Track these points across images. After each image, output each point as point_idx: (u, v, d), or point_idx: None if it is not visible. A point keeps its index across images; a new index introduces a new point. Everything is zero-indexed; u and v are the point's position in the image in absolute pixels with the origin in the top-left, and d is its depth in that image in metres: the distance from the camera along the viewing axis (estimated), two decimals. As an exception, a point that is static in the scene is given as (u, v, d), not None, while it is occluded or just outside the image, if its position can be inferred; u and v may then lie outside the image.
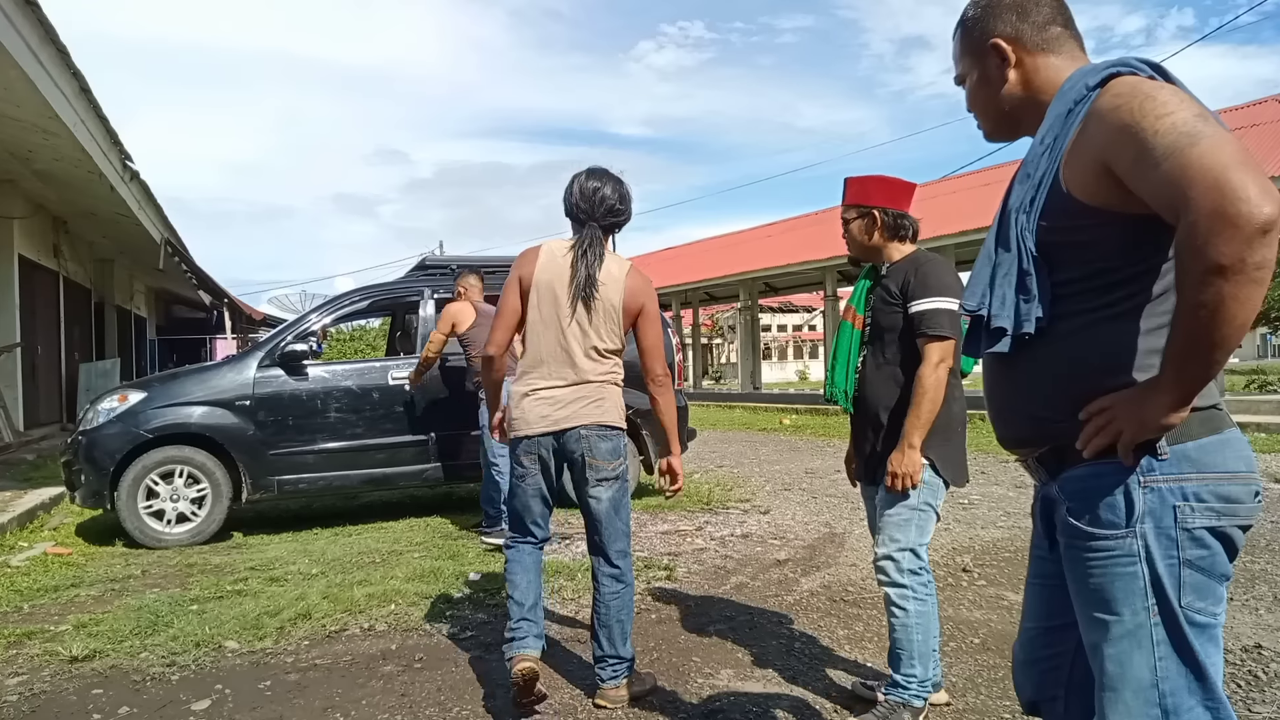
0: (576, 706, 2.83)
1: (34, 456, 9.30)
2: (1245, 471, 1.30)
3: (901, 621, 2.55)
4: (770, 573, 4.47)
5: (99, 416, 5.56)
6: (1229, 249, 1.08)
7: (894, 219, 2.61)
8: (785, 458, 9.71)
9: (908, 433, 2.46)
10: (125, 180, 10.21)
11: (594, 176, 2.81)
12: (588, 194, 2.78)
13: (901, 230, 2.62)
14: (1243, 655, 3.08)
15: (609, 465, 2.74)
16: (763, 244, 23.61)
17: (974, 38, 1.49)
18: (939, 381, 2.44)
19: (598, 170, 2.85)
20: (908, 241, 2.65)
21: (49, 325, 12.96)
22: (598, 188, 2.78)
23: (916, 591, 2.56)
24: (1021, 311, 1.36)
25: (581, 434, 2.71)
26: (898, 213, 2.61)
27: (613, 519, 2.79)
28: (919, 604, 2.55)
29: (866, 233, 2.64)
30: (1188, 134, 1.14)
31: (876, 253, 2.66)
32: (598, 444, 2.72)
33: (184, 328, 27.39)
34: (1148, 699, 1.27)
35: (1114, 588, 1.30)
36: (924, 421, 2.45)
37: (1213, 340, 1.14)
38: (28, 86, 6.68)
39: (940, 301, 2.47)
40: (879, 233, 2.62)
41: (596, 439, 2.72)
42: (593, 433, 2.71)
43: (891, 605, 2.58)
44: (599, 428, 2.72)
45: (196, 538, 5.49)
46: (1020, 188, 1.38)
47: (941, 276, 2.51)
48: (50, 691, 3.03)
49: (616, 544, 2.81)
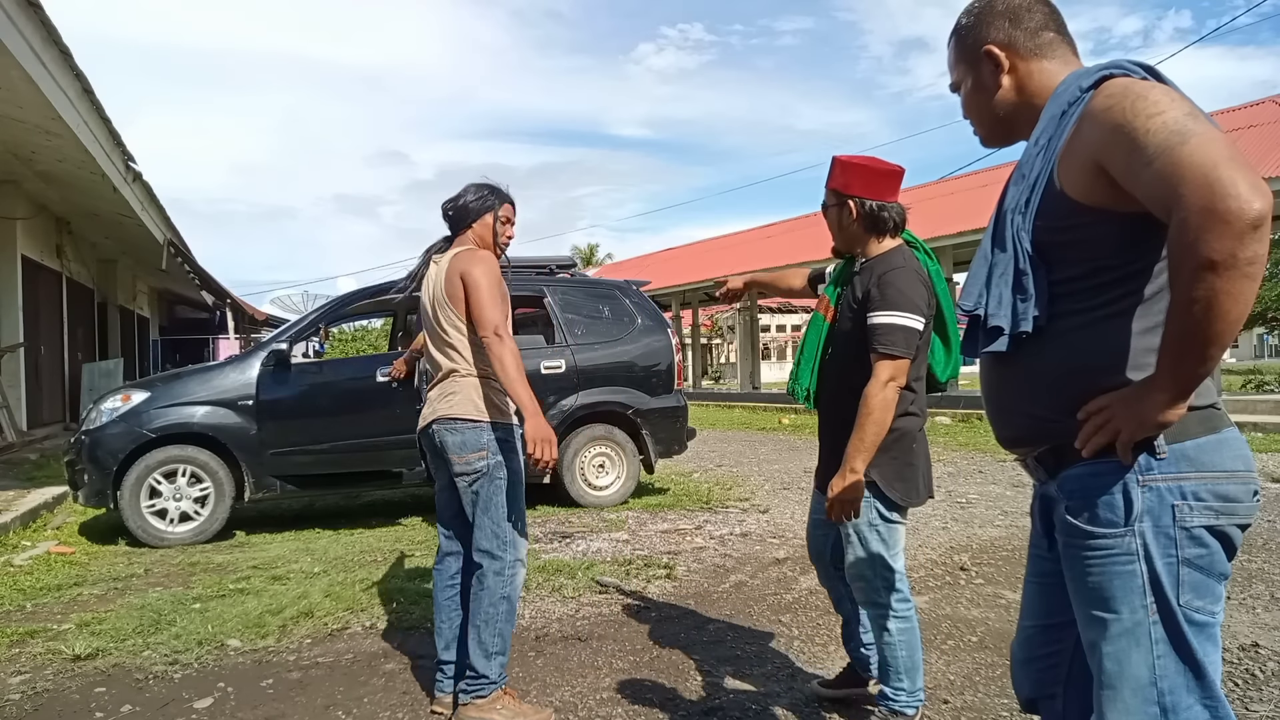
0: (577, 705, 2.84)
1: (37, 456, 9.31)
2: (1243, 470, 1.31)
3: (887, 642, 2.46)
4: (769, 571, 4.48)
5: (102, 416, 5.59)
6: (1220, 244, 1.09)
7: (873, 210, 2.39)
8: (784, 457, 9.72)
9: (849, 456, 2.25)
10: (128, 181, 10.22)
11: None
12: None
13: (881, 224, 2.41)
14: (1240, 654, 3.09)
15: (460, 460, 2.66)
16: (763, 244, 23.61)
17: (968, 45, 1.51)
18: (885, 402, 2.24)
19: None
20: (888, 236, 2.43)
21: (52, 325, 12.98)
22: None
23: (897, 610, 2.44)
24: (1018, 311, 1.37)
25: (433, 429, 2.71)
26: (878, 203, 2.39)
27: (478, 516, 2.69)
28: (903, 622, 2.45)
29: (842, 223, 2.45)
30: (1178, 132, 1.15)
31: (854, 244, 2.48)
32: (446, 437, 2.68)
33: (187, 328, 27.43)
34: (1146, 697, 1.28)
35: (1113, 586, 1.31)
36: (868, 445, 2.24)
37: (1207, 336, 1.15)
38: (30, 88, 6.69)
39: (897, 317, 2.26)
40: (856, 224, 2.42)
41: (445, 432, 2.68)
42: (443, 426, 2.69)
43: (875, 624, 2.50)
44: (447, 421, 2.68)
45: (199, 537, 5.51)
46: (1015, 188, 1.40)
47: (904, 289, 2.29)
48: (53, 690, 3.05)
49: (481, 542, 2.69)
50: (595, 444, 6.58)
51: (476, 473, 2.66)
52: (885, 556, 2.41)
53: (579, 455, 6.52)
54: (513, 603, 2.70)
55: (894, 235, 2.45)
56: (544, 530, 5.65)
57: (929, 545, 4.97)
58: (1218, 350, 1.17)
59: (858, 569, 2.44)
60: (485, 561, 2.67)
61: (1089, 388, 1.33)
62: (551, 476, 6.52)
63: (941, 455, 9.42)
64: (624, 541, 5.26)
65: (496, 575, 2.66)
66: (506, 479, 2.69)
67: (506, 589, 2.68)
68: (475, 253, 2.76)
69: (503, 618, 2.67)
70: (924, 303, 2.32)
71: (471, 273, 2.67)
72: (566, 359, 6.51)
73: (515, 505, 2.71)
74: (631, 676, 3.06)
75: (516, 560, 2.71)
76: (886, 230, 2.43)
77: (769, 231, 25.66)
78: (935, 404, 15.29)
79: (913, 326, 2.27)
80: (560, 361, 6.49)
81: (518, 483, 2.73)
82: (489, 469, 2.66)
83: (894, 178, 2.41)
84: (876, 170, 2.40)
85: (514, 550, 2.70)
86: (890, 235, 2.44)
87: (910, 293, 2.29)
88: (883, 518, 2.40)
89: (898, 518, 2.43)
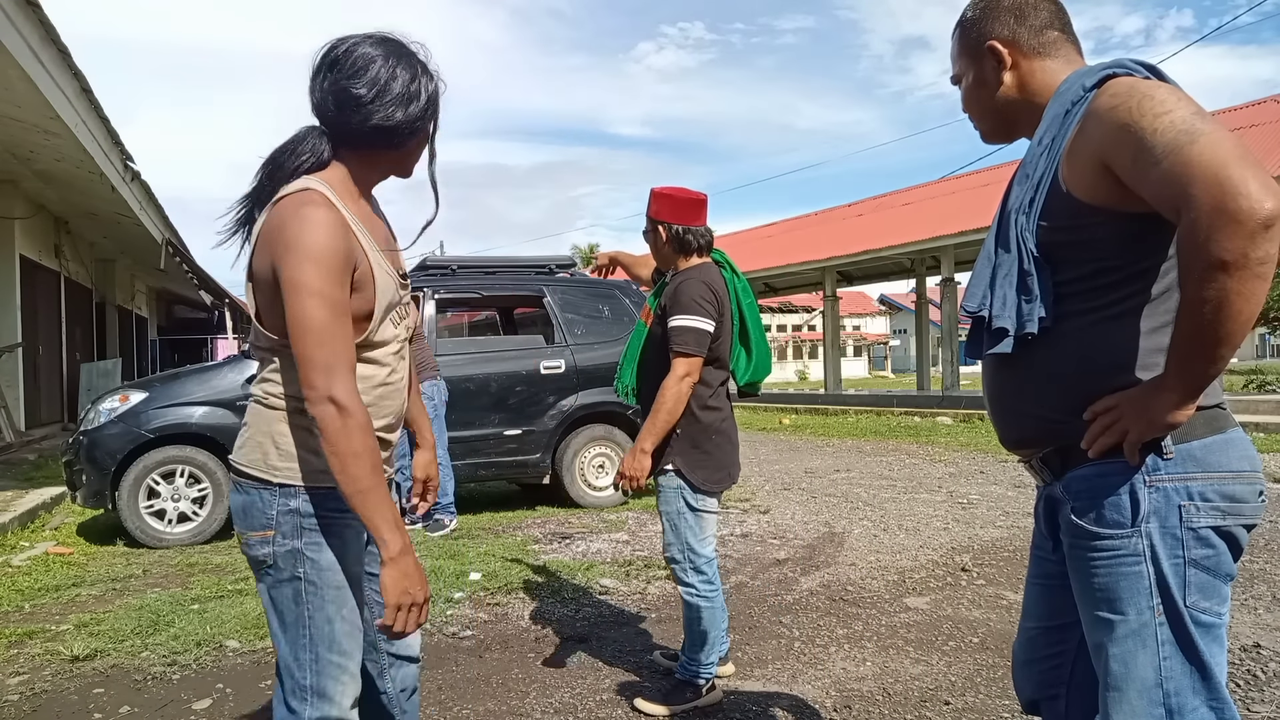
0: (576, 705, 2.83)
1: (35, 456, 9.30)
2: (1250, 471, 1.31)
3: (689, 615, 2.76)
4: (770, 572, 4.47)
5: (100, 416, 5.57)
6: (1231, 244, 1.09)
7: (679, 234, 2.74)
8: (785, 457, 9.71)
9: (640, 437, 2.63)
10: (126, 180, 10.21)
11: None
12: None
13: (687, 245, 2.75)
14: (1241, 654, 3.08)
15: (241, 536, 1.57)
16: (762, 244, 23.59)
17: (971, 39, 1.49)
18: (679, 394, 2.60)
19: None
20: (694, 255, 2.78)
21: (50, 325, 12.97)
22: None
23: (700, 590, 2.73)
24: (1023, 312, 1.35)
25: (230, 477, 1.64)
26: (684, 227, 2.74)
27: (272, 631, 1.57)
28: (705, 601, 2.73)
29: (657, 244, 2.81)
30: (1187, 131, 1.14)
31: (669, 262, 2.82)
32: (231, 496, 1.62)
33: (185, 328, 27.42)
34: (1152, 698, 1.28)
35: (1119, 587, 1.30)
36: (658, 429, 2.61)
37: (1217, 336, 1.14)
38: (29, 87, 6.68)
39: (687, 319, 2.61)
40: (666, 245, 2.77)
41: (231, 489, 1.62)
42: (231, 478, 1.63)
43: (683, 598, 2.78)
44: (233, 471, 1.60)
45: (197, 537, 5.50)
46: (1019, 188, 1.38)
47: (694, 296, 2.63)
48: (51, 691, 3.04)
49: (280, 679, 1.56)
50: (595, 444, 6.57)
51: (259, 563, 1.54)
52: (693, 542, 2.72)
53: (579, 456, 6.51)
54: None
55: (701, 254, 2.79)
56: (544, 531, 5.64)
57: (930, 546, 4.96)
58: (1228, 351, 1.16)
59: (670, 552, 2.76)
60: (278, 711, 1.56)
61: (1096, 388, 1.31)
62: (551, 477, 6.53)
63: (942, 455, 9.42)
64: (624, 542, 5.25)
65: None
66: (314, 581, 1.52)
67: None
68: (301, 210, 1.43)
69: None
70: (712, 308, 2.65)
71: (287, 262, 1.41)
72: (566, 359, 6.51)
73: (331, 627, 1.53)
74: (631, 677, 3.05)
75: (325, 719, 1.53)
76: (693, 250, 2.77)
77: (769, 231, 25.65)
78: (937, 404, 15.29)
79: (702, 328, 2.62)
80: (560, 361, 6.49)
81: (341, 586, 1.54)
82: (275, 560, 1.52)
83: (699, 205, 2.78)
84: (683, 199, 2.77)
85: (321, 703, 1.53)
86: (698, 254, 2.78)
87: (698, 298, 2.63)
88: (689, 506, 2.70)
89: (707, 506, 2.73)
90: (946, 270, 16.57)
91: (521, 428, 6.36)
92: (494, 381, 6.34)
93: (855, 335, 52.14)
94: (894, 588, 4.12)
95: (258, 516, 1.53)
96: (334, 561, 1.54)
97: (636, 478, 2.61)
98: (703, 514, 2.72)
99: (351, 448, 1.40)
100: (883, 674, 3.03)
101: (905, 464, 8.83)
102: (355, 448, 1.40)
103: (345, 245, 1.45)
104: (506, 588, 4.18)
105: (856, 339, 52.34)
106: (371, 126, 1.49)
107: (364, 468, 1.41)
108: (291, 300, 1.40)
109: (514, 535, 5.53)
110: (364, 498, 1.41)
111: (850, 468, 8.62)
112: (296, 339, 1.41)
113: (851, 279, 22.34)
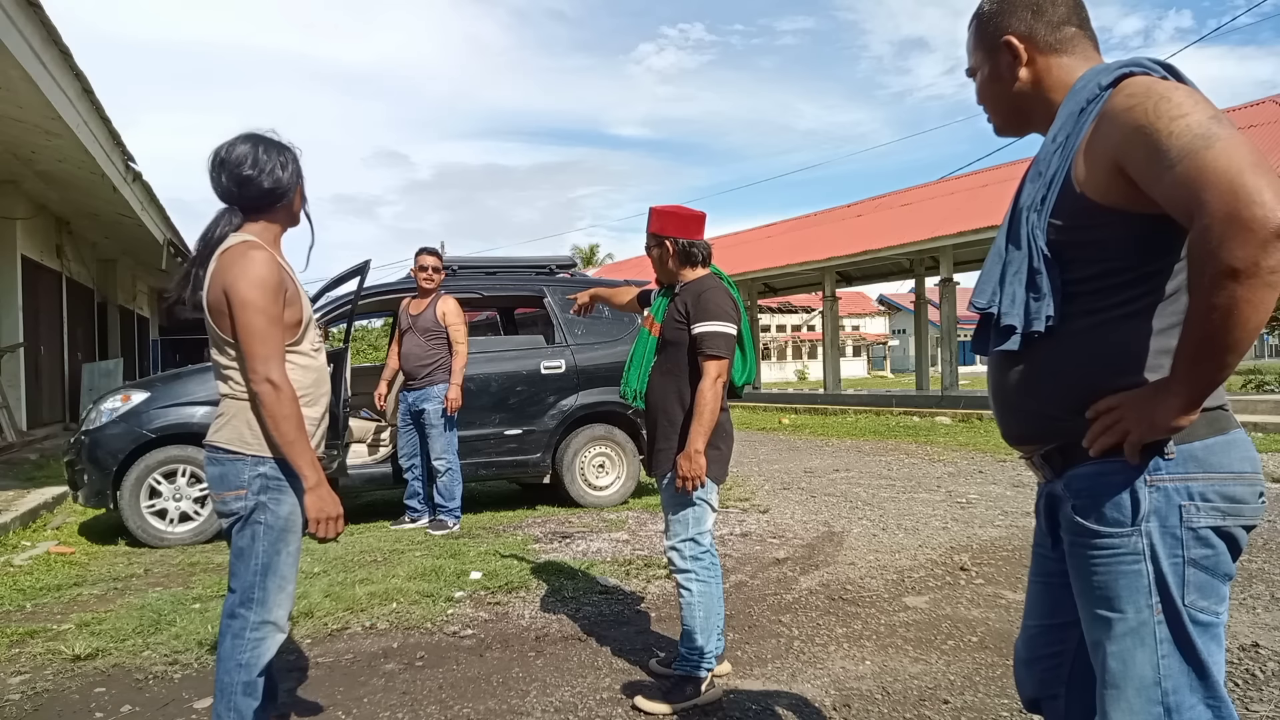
0: (577, 704, 2.84)
1: (37, 456, 9.31)
2: (1250, 472, 1.31)
3: (687, 602, 2.84)
4: (769, 571, 4.48)
5: (102, 416, 5.57)
6: (1243, 253, 1.08)
7: (685, 247, 2.92)
8: (784, 457, 9.72)
9: (692, 438, 2.72)
10: (128, 181, 10.22)
11: (242, 142, 2.16)
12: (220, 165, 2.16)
13: (691, 257, 2.94)
14: (1240, 654, 3.09)
15: (216, 497, 2.16)
16: (762, 244, 23.60)
17: (988, 32, 1.49)
18: (716, 394, 2.75)
19: (247, 135, 2.18)
20: (699, 266, 2.96)
21: (52, 325, 12.98)
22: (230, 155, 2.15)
23: (700, 575, 2.84)
24: (1031, 310, 1.35)
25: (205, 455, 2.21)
26: (689, 241, 2.92)
27: (231, 563, 2.18)
28: (702, 585, 2.83)
29: (662, 259, 2.97)
30: (1203, 136, 1.13)
31: (673, 275, 2.98)
32: (207, 468, 2.18)
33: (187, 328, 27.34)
34: (1150, 697, 1.28)
35: (1118, 585, 1.30)
36: (706, 428, 2.73)
37: (1225, 343, 1.14)
38: (30, 88, 6.69)
39: (716, 325, 2.77)
40: (672, 259, 2.94)
41: (207, 463, 2.18)
42: (207, 455, 2.18)
43: (680, 588, 2.87)
44: (210, 449, 2.17)
45: (199, 537, 5.51)
46: (1031, 186, 1.38)
47: (720, 304, 2.81)
48: (53, 690, 3.04)
49: (228, 597, 2.19)
50: (595, 444, 6.58)
51: (232, 514, 2.14)
52: (701, 528, 2.84)
53: (579, 455, 6.52)
54: (252, 672, 2.15)
55: (703, 265, 2.97)
56: (544, 530, 5.65)
57: (929, 545, 4.97)
58: (1235, 357, 1.16)
59: (675, 541, 2.87)
60: (225, 621, 2.18)
61: (1100, 387, 1.32)
62: (551, 476, 6.53)
63: (942, 455, 9.43)
64: (624, 541, 5.25)
65: (235, 638, 2.15)
66: (271, 525, 2.14)
67: (244, 654, 2.15)
68: (248, 253, 2.08)
69: (240, 690, 2.15)
70: (735, 313, 2.84)
71: (237, 288, 2.03)
72: (566, 359, 6.51)
73: (277, 559, 2.16)
74: (631, 677, 3.06)
75: (264, 622, 2.16)
76: (697, 261, 2.96)
77: (769, 231, 25.65)
78: (936, 404, 15.31)
79: (730, 333, 2.80)
80: (560, 361, 6.50)
81: (287, 530, 2.17)
82: (246, 512, 2.12)
83: (699, 220, 2.96)
84: (685, 216, 2.96)
85: (261, 610, 2.15)
86: (701, 265, 2.97)
87: (724, 305, 2.82)
88: (700, 495, 2.82)
89: (712, 496, 2.86)
90: (945, 270, 16.57)
91: (522, 427, 6.37)
92: (494, 381, 6.34)
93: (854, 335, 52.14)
94: (893, 587, 4.13)
95: (233, 479, 2.12)
96: (287, 511, 2.15)
97: (697, 476, 2.73)
98: (707, 502, 2.86)
99: (282, 411, 2.04)
100: (882, 673, 3.04)
101: (904, 463, 8.83)
102: (285, 411, 2.05)
103: (278, 275, 2.08)
104: (507, 587, 4.19)
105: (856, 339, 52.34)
106: (264, 190, 2.13)
107: (292, 426, 2.05)
108: (239, 313, 2.03)
109: (514, 534, 5.54)
110: (291, 447, 2.07)
111: (849, 467, 8.63)
112: (244, 339, 2.04)
113: (851, 279, 22.35)
